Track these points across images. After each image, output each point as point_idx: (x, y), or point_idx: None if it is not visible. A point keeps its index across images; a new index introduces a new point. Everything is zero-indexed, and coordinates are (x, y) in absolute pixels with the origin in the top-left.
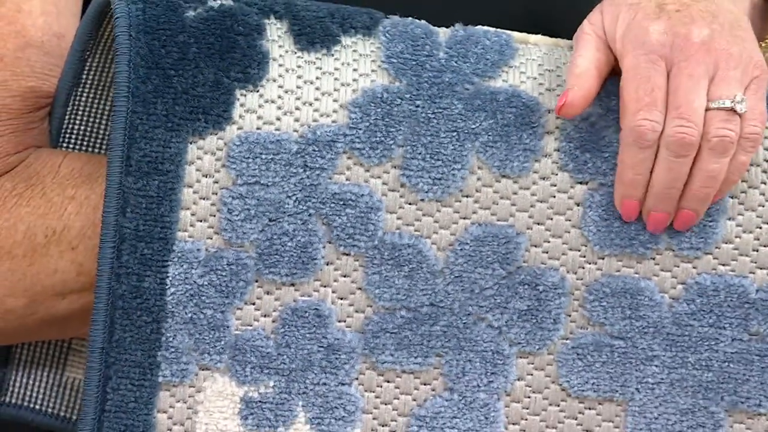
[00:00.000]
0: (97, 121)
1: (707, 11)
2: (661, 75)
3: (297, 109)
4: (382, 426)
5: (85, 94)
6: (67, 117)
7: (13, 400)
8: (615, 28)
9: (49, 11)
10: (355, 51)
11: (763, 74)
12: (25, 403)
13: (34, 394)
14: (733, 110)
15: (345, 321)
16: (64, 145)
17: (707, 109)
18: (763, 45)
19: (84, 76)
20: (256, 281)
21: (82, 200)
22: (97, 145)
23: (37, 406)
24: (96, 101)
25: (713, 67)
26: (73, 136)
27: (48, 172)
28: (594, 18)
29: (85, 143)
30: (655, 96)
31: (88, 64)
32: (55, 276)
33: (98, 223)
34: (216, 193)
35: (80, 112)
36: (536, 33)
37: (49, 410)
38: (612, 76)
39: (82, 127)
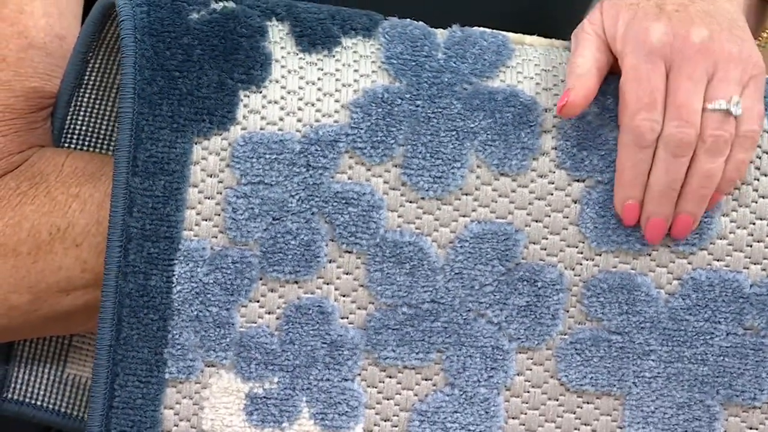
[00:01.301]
0: (99, 121)
1: (705, 12)
2: (661, 76)
3: (299, 109)
4: (385, 421)
5: (87, 95)
6: (69, 117)
7: (15, 396)
8: (615, 27)
9: (50, 13)
10: (355, 52)
11: (761, 73)
12: (27, 399)
13: (35, 391)
14: (728, 112)
15: (348, 318)
16: (66, 144)
17: (704, 110)
18: (758, 42)
19: (86, 77)
20: (261, 279)
21: (86, 198)
22: (99, 145)
23: (38, 402)
24: (98, 102)
25: (712, 68)
26: (75, 136)
27: (52, 171)
28: (594, 17)
29: (86, 143)
30: (655, 97)
31: (90, 65)
32: (59, 273)
33: (102, 220)
34: (221, 193)
35: (82, 113)
36: (531, 33)
37: (50, 406)
38: (609, 74)
39: (84, 127)
